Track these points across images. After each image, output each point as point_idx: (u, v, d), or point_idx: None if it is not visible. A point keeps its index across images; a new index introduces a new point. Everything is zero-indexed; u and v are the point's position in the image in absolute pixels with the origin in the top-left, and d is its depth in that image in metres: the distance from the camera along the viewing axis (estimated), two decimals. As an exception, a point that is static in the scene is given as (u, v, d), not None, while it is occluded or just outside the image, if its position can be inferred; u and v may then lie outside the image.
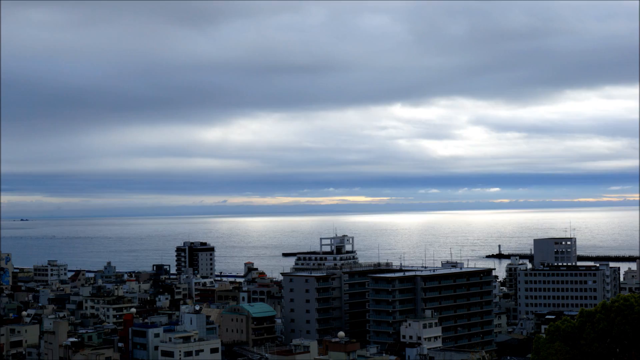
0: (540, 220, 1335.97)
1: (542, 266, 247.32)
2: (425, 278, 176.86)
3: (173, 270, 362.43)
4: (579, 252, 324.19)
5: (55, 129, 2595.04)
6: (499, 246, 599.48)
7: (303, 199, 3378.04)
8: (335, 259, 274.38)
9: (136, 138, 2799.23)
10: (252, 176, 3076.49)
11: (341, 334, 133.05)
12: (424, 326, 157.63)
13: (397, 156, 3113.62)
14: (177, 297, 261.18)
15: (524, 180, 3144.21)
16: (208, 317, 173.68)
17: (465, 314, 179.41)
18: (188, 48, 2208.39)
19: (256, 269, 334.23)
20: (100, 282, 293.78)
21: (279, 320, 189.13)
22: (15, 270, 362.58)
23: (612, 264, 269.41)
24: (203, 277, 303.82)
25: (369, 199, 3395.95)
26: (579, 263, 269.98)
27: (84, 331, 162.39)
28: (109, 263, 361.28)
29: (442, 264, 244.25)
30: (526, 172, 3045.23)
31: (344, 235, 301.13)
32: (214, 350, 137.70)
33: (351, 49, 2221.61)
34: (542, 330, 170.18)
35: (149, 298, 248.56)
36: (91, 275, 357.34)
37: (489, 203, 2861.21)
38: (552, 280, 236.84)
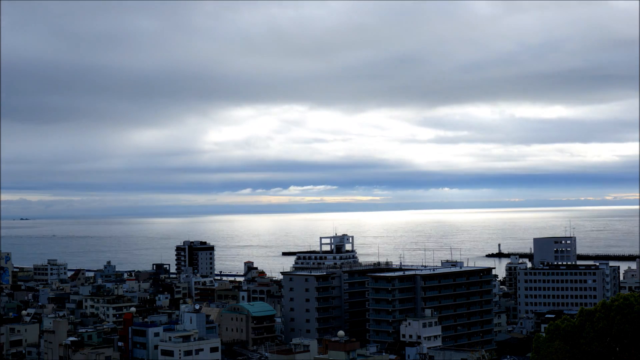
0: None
1: (542, 265, 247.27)
2: (425, 277, 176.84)
3: (173, 270, 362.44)
4: (579, 251, 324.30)
5: (56, 128, 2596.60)
6: (499, 245, 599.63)
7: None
8: (335, 258, 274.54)
9: (137, 138, 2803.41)
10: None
11: (341, 333, 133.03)
12: (424, 325, 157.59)
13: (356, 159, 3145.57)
14: (176, 296, 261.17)
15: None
16: (208, 316, 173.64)
17: (465, 313, 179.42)
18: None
19: (256, 268, 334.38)
20: (100, 281, 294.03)
21: (278, 320, 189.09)
22: (15, 270, 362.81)
23: (611, 263, 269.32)
24: (203, 277, 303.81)
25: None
26: (579, 262, 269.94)
27: (83, 330, 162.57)
28: (108, 262, 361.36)
29: (441, 263, 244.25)
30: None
31: (344, 235, 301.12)
32: (213, 350, 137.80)
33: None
34: (542, 330, 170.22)
35: (148, 297, 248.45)
36: (91, 274, 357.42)
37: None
38: (552, 280, 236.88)
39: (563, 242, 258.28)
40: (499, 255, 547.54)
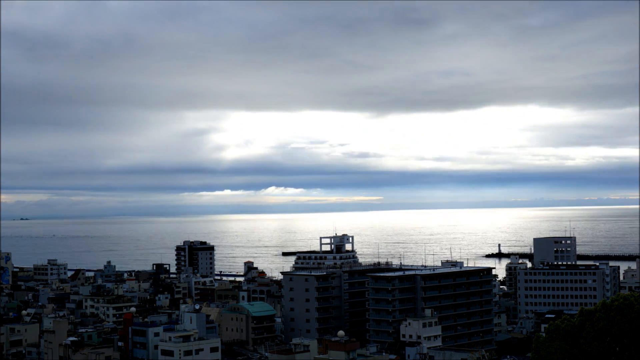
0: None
1: (541, 265, 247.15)
2: (425, 277, 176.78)
3: (173, 270, 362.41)
4: (579, 251, 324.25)
5: (56, 126, 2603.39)
6: (499, 245, 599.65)
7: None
8: (335, 258, 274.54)
9: (135, 140, 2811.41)
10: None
11: (341, 333, 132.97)
12: (424, 325, 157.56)
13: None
14: (176, 296, 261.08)
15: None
16: (208, 316, 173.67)
17: (465, 313, 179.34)
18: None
19: (256, 268, 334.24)
20: (100, 281, 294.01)
21: (278, 320, 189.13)
22: (15, 270, 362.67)
23: (611, 263, 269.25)
24: (203, 276, 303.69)
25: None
26: (579, 262, 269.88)
27: (83, 330, 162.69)
28: (108, 262, 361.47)
29: (442, 263, 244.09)
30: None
31: (344, 235, 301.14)
32: (213, 350, 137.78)
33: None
34: (542, 330, 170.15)
35: (148, 297, 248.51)
36: (91, 274, 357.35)
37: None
38: (552, 280, 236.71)
39: (563, 242, 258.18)
40: (499, 255, 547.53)
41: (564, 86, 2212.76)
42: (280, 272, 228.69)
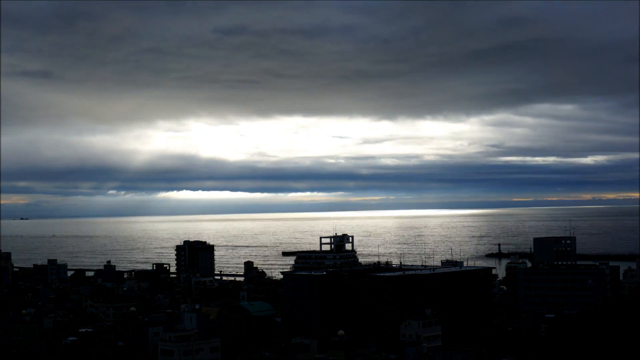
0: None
1: (541, 265, 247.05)
2: (425, 277, 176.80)
3: (173, 269, 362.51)
4: (578, 251, 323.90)
5: (56, 128, 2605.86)
6: (499, 245, 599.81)
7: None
8: (335, 257, 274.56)
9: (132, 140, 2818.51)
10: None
11: (341, 333, 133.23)
12: (424, 325, 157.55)
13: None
14: (177, 296, 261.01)
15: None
16: (208, 316, 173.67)
17: (465, 313, 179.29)
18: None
19: (256, 268, 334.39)
20: (100, 281, 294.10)
21: (278, 320, 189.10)
22: (15, 269, 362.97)
23: (611, 263, 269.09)
24: (203, 276, 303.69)
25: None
26: (579, 262, 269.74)
27: (83, 330, 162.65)
28: (108, 262, 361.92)
29: (442, 263, 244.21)
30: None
31: (344, 234, 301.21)
32: (213, 349, 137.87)
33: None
34: (542, 329, 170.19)
35: (148, 297, 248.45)
36: (91, 274, 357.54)
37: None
38: (552, 279, 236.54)
39: (563, 242, 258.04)
40: (499, 255, 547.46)
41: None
42: (280, 272, 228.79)
